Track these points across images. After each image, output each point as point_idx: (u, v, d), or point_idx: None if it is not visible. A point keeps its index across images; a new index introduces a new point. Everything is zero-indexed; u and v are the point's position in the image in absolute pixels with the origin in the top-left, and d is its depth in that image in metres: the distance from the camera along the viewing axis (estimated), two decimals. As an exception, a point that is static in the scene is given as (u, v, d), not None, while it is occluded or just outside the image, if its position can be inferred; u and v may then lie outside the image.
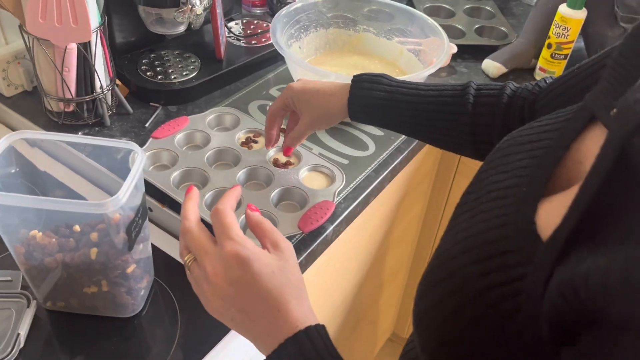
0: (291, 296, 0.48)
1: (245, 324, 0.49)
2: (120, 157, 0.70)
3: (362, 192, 0.82)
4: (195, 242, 0.51)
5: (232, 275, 0.48)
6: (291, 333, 0.46)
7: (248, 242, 0.49)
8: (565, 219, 0.34)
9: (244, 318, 0.49)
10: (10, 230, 0.61)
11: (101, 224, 0.63)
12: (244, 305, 0.48)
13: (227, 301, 0.49)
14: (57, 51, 0.80)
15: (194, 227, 0.52)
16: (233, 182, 0.79)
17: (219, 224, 0.51)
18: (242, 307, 0.48)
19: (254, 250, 0.49)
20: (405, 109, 0.68)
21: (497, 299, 0.35)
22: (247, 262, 0.48)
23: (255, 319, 0.48)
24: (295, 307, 0.48)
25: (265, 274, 0.48)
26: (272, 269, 0.48)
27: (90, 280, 0.62)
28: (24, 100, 0.94)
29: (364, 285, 1.14)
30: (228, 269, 0.48)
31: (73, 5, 0.71)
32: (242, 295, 0.48)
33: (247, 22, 1.14)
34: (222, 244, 0.49)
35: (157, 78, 0.96)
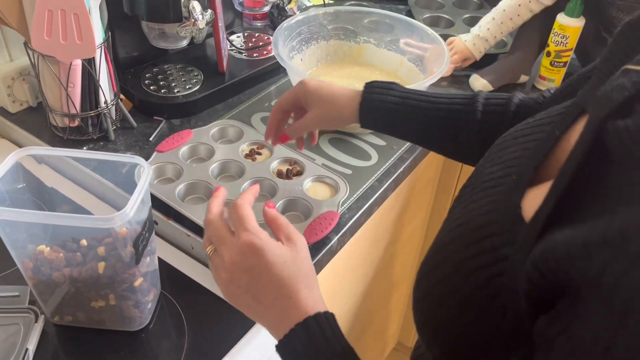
0: (302, 285, 0.51)
1: (260, 310, 0.52)
2: (125, 171, 0.71)
3: (366, 202, 0.83)
4: (216, 233, 0.55)
5: (246, 264, 0.52)
6: (301, 319, 0.49)
7: (263, 234, 0.53)
8: (545, 200, 0.35)
9: (258, 305, 0.52)
10: (18, 245, 0.62)
11: (108, 238, 0.63)
12: (257, 292, 0.52)
13: (242, 288, 0.52)
14: (62, 67, 0.80)
15: (216, 220, 0.56)
16: (238, 195, 0.79)
17: (237, 217, 0.55)
18: (256, 294, 0.52)
19: (268, 241, 0.52)
20: (416, 114, 0.69)
21: (485, 280, 0.37)
22: (261, 252, 0.51)
23: (268, 306, 0.51)
24: (305, 295, 0.51)
25: (278, 263, 0.51)
26: (284, 259, 0.52)
27: (98, 294, 0.63)
28: (29, 116, 0.95)
29: (369, 294, 1.14)
30: (243, 257, 0.52)
31: (78, 22, 0.72)
32: (256, 283, 0.52)
33: (249, 35, 1.15)
34: (238, 235, 0.53)
35: (161, 92, 0.97)
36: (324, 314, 0.50)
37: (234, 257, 0.52)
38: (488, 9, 1.34)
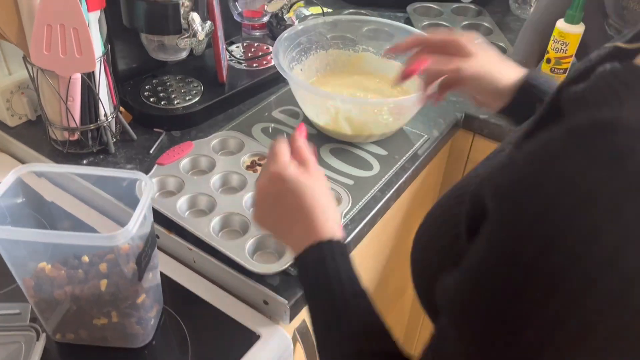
0: (320, 213, 0.57)
1: (283, 231, 0.60)
2: (126, 185, 0.70)
3: (369, 213, 0.82)
4: (265, 163, 0.63)
5: (272, 189, 0.59)
6: (316, 242, 0.55)
7: (290, 167, 0.60)
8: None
9: (281, 226, 0.60)
10: (19, 262, 0.61)
11: (110, 254, 0.63)
12: (281, 214, 0.59)
13: (267, 211, 0.61)
14: (62, 81, 0.80)
15: (267, 158, 0.63)
16: (240, 207, 0.78)
17: (271, 152, 0.62)
18: (280, 217, 0.60)
19: (292, 172, 0.59)
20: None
21: (452, 224, 0.45)
22: (286, 180, 0.58)
23: (289, 228, 0.59)
24: (322, 223, 0.57)
25: (300, 191, 0.58)
26: (305, 190, 0.58)
27: (100, 312, 0.62)
28: (28, 129, 0.94)
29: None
30: (270, 184, 0.60)
31: (77, 36, 0.72)
32: (280, 207, 0.59)
33: (248, 45, 1.15)
34: (268, 165, 0.61)
35: (160, 104, 0.96)
36: (337, 241, 0.56)
37: (264, 183, 0.61)
38: (487, 15, 1.34)
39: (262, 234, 0.74)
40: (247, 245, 0.73)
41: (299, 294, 0.70)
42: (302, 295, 0.70)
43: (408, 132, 0.99)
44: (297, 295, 0.70)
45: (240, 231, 0.77)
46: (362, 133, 0.91)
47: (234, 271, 0.72)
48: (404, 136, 0.98)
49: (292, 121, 0.99)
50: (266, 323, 0.71)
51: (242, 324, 0.70)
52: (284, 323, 0.72)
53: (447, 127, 1.01)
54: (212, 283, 0.75)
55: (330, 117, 0.90)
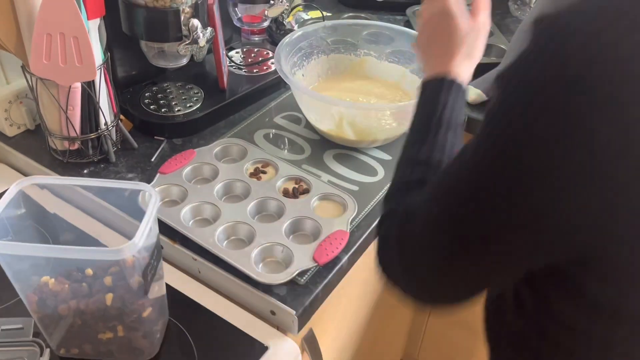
0: (463, 55, 0.65)
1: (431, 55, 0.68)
2: (127, 195, 0.69)
3: (375, 219, 0.81)
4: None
5: (434, 20, 0.68)
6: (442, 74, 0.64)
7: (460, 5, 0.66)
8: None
9: (430, 51, 0.69)
10: (22, 277, 0.60)
11: (114, 267, 0.61)
12: (433, 40, 0.68)
13: (425, 36, 0.70)
14: (61, 90, 0.79)
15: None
16: (244, 215, 0.77)
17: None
18: (432, 42, 0.69)
19: (459, 12, 0.66)
20: None
21: None
22: (450, 16, 0.66)
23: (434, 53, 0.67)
24: (458, 63, 0.65)
25: (456, 30, 0.65)
26: (462, 32, 0.65)
27: (106, 326, 0.61)
28: (27, 139, 0.93)
29: (377, 309, 1.12)
30: (434, 15, 0.68)
31: (77, 44, 0.71)
32: (435, 35, 0.68)
33: (248, 51, 1.14)
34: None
35: (161, 111, 0.95)
36: (460, 82, 0.64)
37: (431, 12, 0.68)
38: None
39: (268, 242, 0.73)
40: (253, 255, 0.72)
41: (307, 304, 0.69)
42: (309, 304, 0.69)
43: (411, 137, 0.98)
44: (305, 304, 0.69)
45: (246, 240, 0.76)
46: (366, 138, 0.91)
47: (240, 281, 0.71)
48: (407, 141, 0.97)
49: (294, 127, 0.98)
50: (274, 334, 0.70)
51: (249, 335, 0.69)
52: (292, 333, 0.71)
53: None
54: (217, 293, 0.74)
55: (334, 123, 0.89)
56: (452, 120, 0.62)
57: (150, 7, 0.83)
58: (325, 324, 0.86)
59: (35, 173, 0.89)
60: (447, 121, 0.61)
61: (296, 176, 0.85)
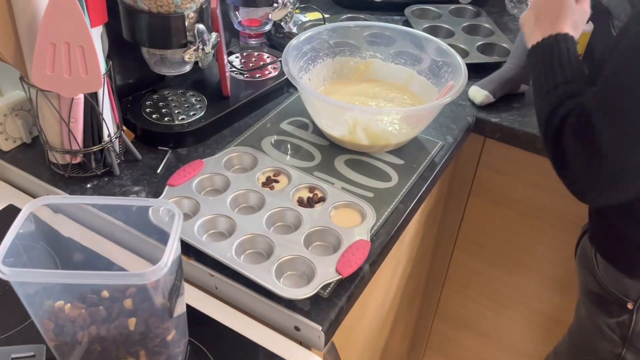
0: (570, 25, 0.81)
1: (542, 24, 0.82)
2: (135, 210, 0.66)
3: (393, 227, 0.79)
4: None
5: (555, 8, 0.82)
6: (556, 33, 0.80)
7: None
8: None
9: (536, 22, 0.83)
10: (35, 302, 0.56)
11: (131, 289, 0.58)
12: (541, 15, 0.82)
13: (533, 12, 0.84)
14: (63, 102, 0.75)
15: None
16: (261, 227, 0.74)
17: None
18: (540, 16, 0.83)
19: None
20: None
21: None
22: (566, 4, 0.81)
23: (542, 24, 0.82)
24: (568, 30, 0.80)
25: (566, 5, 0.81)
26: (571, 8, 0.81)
27: (127, 352, 0.58)
28: (24, 153, 0.89)
29: (388, 316, 1.10)
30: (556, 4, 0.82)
31: (83, 54, 0.67)
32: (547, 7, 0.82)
33: (248, 55, 1.11)
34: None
35: (164, 120, 0.92)
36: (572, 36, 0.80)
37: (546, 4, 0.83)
38: (485, 16, 1.32)
39: (289, 255, 0.71)
40: (273, 269, 0.69)
41: (332, 318, 0.67)
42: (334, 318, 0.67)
43: (422, 140, 0.96)
44: (331, 319, 0.67)
45: (264, 254, 0.73)
46: (378, 143, 0.88)
47: (261, 297, 0.68)
48: (418, 144, 0.95)
49: (301, 132, 0.95)
50: (298, 350, 0.67)
51: (273, 352, 0.66)
52: (317, 349, 0.68)
53: (461, 132, 0.99)
54: (237, 310, 0.71)
55: (347, 128, 0.86)
56: (576, 57, 0.78)
57: (154, 13, 0.79)
58: (345, 335, 0.83)
59: (34, 189, 0.85)
60: (573, 57, 0.77)
61: (310, 184, 0.82)
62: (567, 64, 0.77)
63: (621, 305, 0.82)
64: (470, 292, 1.35)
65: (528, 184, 1.11)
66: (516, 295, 1.28)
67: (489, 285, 1.30)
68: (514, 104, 1.08)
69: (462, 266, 1.32)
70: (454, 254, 1.31)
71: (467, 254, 1.29)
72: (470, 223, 1.23)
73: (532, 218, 1.14)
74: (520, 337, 1.34)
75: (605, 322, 0.86)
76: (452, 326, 1.46)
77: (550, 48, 0.79)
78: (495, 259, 1.25)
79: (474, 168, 1.15)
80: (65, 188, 0.82)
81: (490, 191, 1.16)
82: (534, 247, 1.18)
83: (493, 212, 1.18)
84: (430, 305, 1.45)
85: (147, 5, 0.78)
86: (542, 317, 1.27)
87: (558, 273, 1.18)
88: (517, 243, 1.20)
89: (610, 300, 0.84)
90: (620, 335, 0.84)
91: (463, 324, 1.43)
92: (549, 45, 0.79)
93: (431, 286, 1.40)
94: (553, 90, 0.76)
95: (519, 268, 1.23)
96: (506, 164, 1.11)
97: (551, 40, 0.79)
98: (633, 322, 0.81)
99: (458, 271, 1.33)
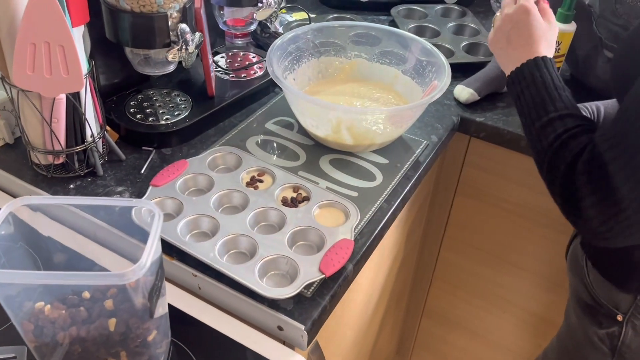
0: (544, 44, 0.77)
1: (508, 50, 0.79)
2: (118, 210, 0.66)
3: (377, 226, 0.79)
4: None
5: (515, 17, 0.78)
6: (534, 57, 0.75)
7: (535, 7, 0.78)
8: None
9: (508, 46, 0.79)
10: (14, 304, 0.56)
11: (112, 289, 0.58)
12: (512, 37, 0.78)
13: (504, 34, 0.79)
14: (45, 102, 0.75)
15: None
16: (244, 227, 0.74)
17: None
18: (511, 38, 0.78)
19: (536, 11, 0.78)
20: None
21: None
22: (530, 15, 0.77)
23: (515, 47, 0.78)
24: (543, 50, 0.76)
25: (536, 25, 0.77)
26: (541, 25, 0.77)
27: (108, 353, 0.57)
28: (6, 154, 0.88)
29: (375, 313, 1.11)
30: (515, 14, 0.78)
31: (63, 54, 0.67)
32: (515, 31, 0.78)
33: (233, 55, 1.11)
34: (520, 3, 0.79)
35: (148, 120, 0.91)
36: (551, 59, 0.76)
37: (510, 12, 0.79)
38: (471, 16, 1.33)
39: (272, 255, 0.71)
40: (257, 268, 0.69)
41: (315, 317, 0.67)
42: (317, 317, 0.67)
43: (407, 139, 0.96)
44: (314, 318, 0.67)
45: (248, 253, 0.73)
46: (362, 142, 0.89)
47: (244, 297, 0.68)
48: (403, 143, 0.95)
49: (286, 132, 0.95)
50: (281, 350, 0.67)
51: (256, 352, 0.66)
52: (300, 349, 0.68)
53: (445, 132, 0.99)
54: (220, 310, 0.71)
55: (331, 128, 0.86)
56: (561, 83, 0.73)
57: (137, 13, 0.79)
58: (329, 335, 0.84)
59: (16, 190, 0.84)
60: (559, 84, 0.73)
61: (294, 184, 0.83)
62: (555, 94, 0.72)
63: (611, 316, 0.80)
64: (458, 291, 1.36)
65: (513, 182, 1.11)
66: (504, 294, 1.29)
67: (477, 283, 1.31)
68: (499, 103, 1.08)
69: (450, 265, 1.32)
70: (441, 252, 1.32)
71: (454, 252, 1.30)
72: (457, 222, 1.24)
73: (519, 216, 1.15)
74: (508, 335, 1.35)
75: (595, 333, 0.83)
76: (440, 325, 1.46)
77: (533, 77, 0.74)
78: (483, 257, 1.26)
79: (459, 167, 1.15)
80: (48, 189, 0.82)
81: (476, 190, 1.17)
82: (522, 245, 1.19)
83: (479, 210, 1.19)
84: (418, 304, 1.45)
85: (129, 4, 0.78)
86: (530, 316, 1.28)
87: (546, 271, 1.19)
88: (504, 241, 1.21)
89: (600, 311, 0.81)
90: (610, 346, 0.81)
91: (451, 322, 1.43)
92: (530, 73, 0.74)
93: (418, 285, 1.41)
94: (548, 125, 0.70)
95: (507, 266, 1.24)
96: (491, 162, 1.11)
97: (531, 66, 0.74)
98: (622, 334, 0.79)
99: (445, 270, 1.34)
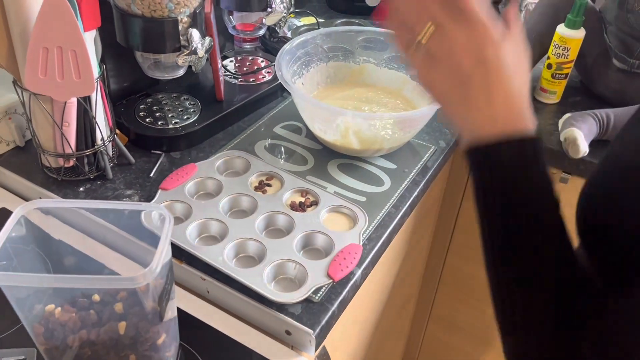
0: (525, 99, 0.44)
1: (462, 105, 0.44)
2: (128, 213, 0.66)
3: (385, 231, 0.79)
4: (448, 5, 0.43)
5: (481, 55, 0.43)
6: (512, 133, 0.43)
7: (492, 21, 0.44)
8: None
9: (463, 100, 0.44)
10: (25, 306, 0.56)
11: (122, 293, 0.58)
12: (481, 92, 0.43)
13: (456, 76, 0.44)
14: (56, 106, 0.75)
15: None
16: (253, 232, 0.75)
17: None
18: (477, 94, 0.43)
19: (499, 30, 0.44)
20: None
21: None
22: (498, 46, 0.43)
23: (482, 108, 0.43)
24: (527, 110, 0.44)
25: (508, 64, 0.43)
26: (513, 60, 0.44)
27: (118, 356, 0.58)
28: (17, 156, 0.89)
29: (382, 318, 1.11)
30: (478, 47, 0.43)
31: (75, 58, 0.67)
32: (485, 81, 0.43)
33: (242, 60, 1.11)
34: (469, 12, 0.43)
35: (157, 124, 0.92)
36: (536, 139, 0.44)
37: (468, 42, 0.43)
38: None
39: (280, 259, 0.71)
40: (265, 273, 0.69)
41: (324, 322, 0.67)
42: (325, 322, 0.67)
43: (415, 144, 0.96)
44: (322, 323, 0.67)
45: (256, 258, 0.73)
46: (370, 147, 0.89)
47: (252, 301, 0.69)
48: (411, 148, 0.95)
49: (295, 137, 0.96)
50: (289, 354, 0.67)
51: (264, 356, 0.66)
52: (308, 353, 0.68)
53: (453, 137, 0.99)
54: (228, 314, 0.71)
55: (339, 133, 0.87)
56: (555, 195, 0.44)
57: (147, 17, 0.79)
58: (336, 340, 0.84)
59: (27, 192, 0.85)
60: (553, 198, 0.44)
61: (302, 188, 0.83)
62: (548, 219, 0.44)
63: None
64: (465, 296, 1.35)
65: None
66: (510, 300, 1.28)
67: (484, 289, 1.30)
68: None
69: (457, 270, 1.32)
70: (448, 258, 1.31)
71: (461, 257, 1.29)
72: (464, 227, 1.24)
73: (525, 222, 1.15)
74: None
75: None
76: (447, 330, 1.46)
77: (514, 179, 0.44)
78: (489, 263, 1.25)
79: (467, 172, 1.15)
80: (58, 191, 0.82)
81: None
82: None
83: (486, 216, 1.18)
84: (425, 309, 1.45)
85: (140, 9, 0.79)
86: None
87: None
88: (510, 247, 1.20)
89: None
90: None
91: (457, 328, 1.43)
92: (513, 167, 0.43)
93: (425, 290, 1.41)
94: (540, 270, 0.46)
95: (513, 272, 1.23)
96: (499, 168, 1.11)
97: (513, 155, 0.43)
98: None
99: (452, 275, 1.34)
